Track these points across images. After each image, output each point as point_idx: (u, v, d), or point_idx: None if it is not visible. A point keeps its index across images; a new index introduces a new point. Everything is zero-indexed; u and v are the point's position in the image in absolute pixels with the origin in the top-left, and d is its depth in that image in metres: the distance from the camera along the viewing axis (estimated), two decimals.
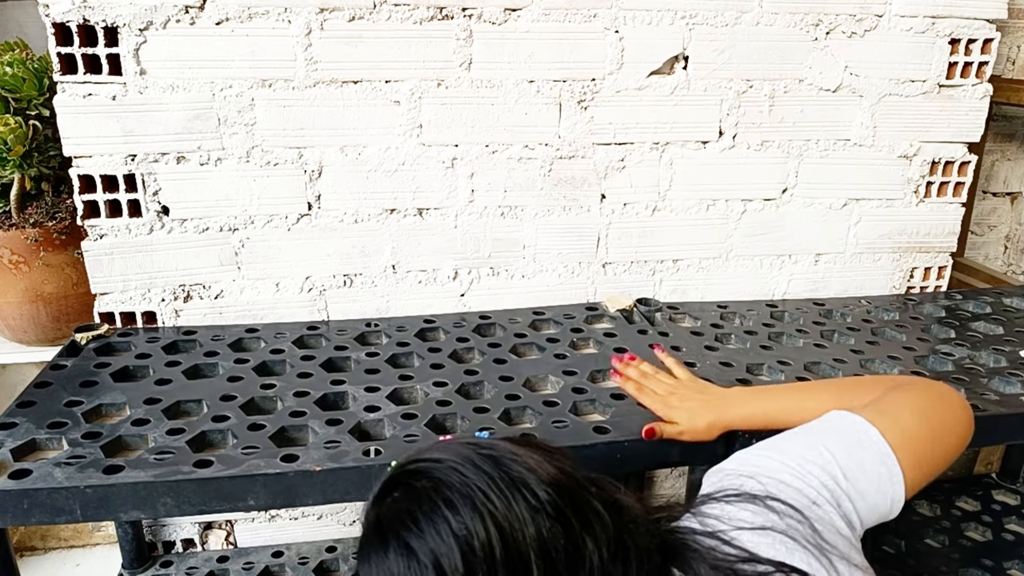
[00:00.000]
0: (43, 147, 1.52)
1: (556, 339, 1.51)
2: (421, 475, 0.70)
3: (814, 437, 0.87)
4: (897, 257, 1.81)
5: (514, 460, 0.71)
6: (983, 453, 2.10)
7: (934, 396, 0.94)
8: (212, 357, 1.41)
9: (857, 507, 0.82)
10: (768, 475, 0.82)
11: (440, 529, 0.66)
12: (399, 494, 0.71)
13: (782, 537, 0.74)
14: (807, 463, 0.82)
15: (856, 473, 0.83)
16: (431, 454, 0.72)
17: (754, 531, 0.74)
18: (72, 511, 1.02)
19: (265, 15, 1.41)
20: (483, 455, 0.71)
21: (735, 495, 0.79)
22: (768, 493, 0.78)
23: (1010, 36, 2.11)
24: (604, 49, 1.54)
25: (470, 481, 0.68)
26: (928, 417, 0.90)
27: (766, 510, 0.76)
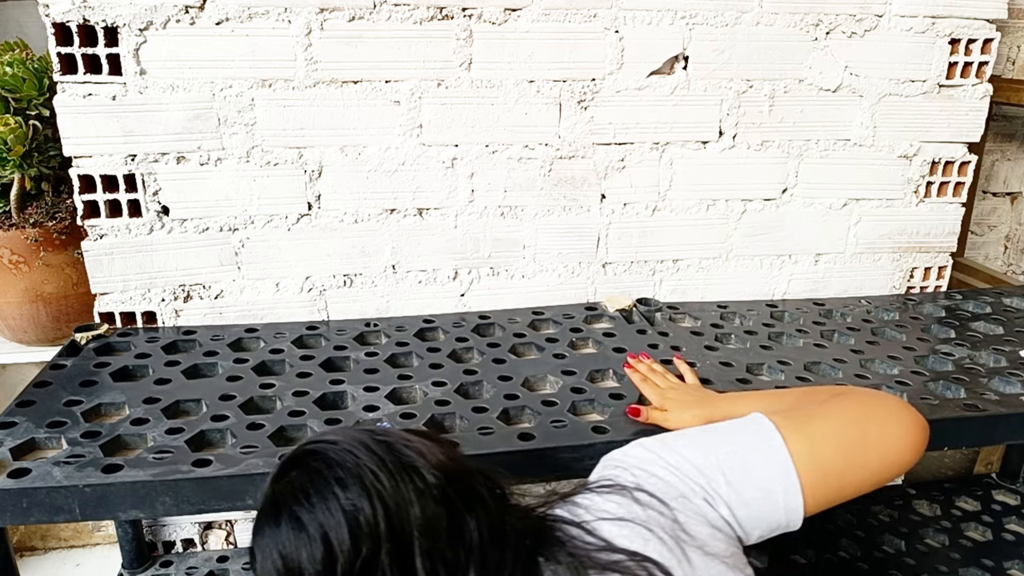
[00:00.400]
0: (43, 147, 1.52)
1: (555, 339, 1.51)
2: (317, 455, 0.73)
3: (709, 438, 0.87)
4: (897, 257, 1.81)
5: (406, 446, 0.74)
6: (983, 453, 2.10)
7: (867, 411, 0.90)
8: (211, 357, 1.41)
9: (736, 512, 0.81)
10: (643, 467, 0.84)
11: (330, 505, 0.69)
12: (295, 472, 0.73)
13: (640, 528, 0.76)
14: (686, 462, 0.83)
15: (741, 479, 0.82)
16: (328, 436, 0.75)
17: (615, 521, 0.77)
18: (71, 510, 1.02)
19: (265, 15, 1.41)
20: (377, 440, 0.74)
21: (606, 486, 0.82)
22: (638, 485, 0.81)
23: (1010, 36, 2.11)
24: (604, 49, 1.54)
25: (361, 462, 0.71)
26: (846, 432, 0.87)
27: (631, 501, 0.79)
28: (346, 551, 0.68)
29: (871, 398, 0.93)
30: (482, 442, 1.13)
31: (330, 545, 0.68)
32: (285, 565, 0.69)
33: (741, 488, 0.82)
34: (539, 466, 1.12)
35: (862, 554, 1.69)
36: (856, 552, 1.70)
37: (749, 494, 0.82)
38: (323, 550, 0.68)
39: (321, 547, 0.68)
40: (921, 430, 0.90)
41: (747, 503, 0.82)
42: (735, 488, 0.82)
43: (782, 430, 0.85)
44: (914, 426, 0.89)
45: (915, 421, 0.90)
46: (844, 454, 0.85)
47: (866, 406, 0.91)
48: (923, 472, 2.13)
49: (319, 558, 0.68)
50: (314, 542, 0.68)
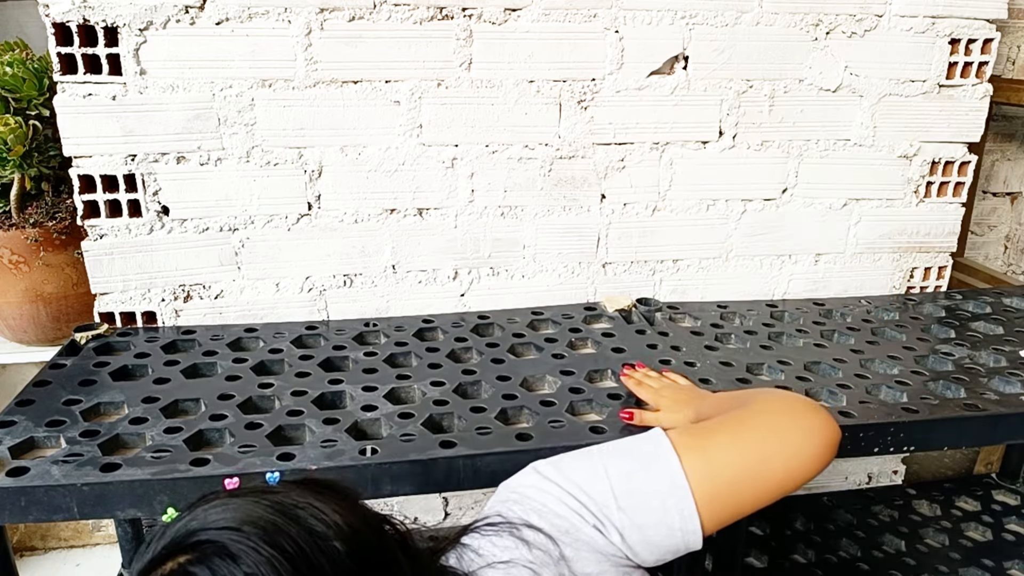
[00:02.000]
0: (43, 147, 1.52)
1: (554, 339, 1.51)
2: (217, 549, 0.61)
3: (601, 460, 0.83)
4: (897, 257, 1.81)
5: (317, 517, 0.65)
6: (983, 453, 2.10)
7: (771, 421, 0.87)
8: (211, 357, 1.41)
9: (628, 537, 0.78)
10: (534, 497, 0.80)
11: None
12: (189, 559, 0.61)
13: (528, 572, 0.73)
14: (576, 487, 0.80)
15: (634, 503, 0.79)
16: (223, 520, 0.63)
17: (502, 567, 0.73)
18: (69, 509, 1.02)
19: (265, 15, 1.41)
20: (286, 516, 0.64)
21: (493, 525, 0.78)
22: (526, 520, 0.77)
23: (1010, 36, 2.11)
24: (604, 49, 1.54)
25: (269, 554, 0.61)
26: (747, 447, 0.84)
27: (518, 542, 0.75)
28: None
29: (774, 405, 0.90)
30: (480, 442, 1.13)
31: None
32: None
33: (633, 513, 0.79)
34: None
35: (862, 554, 1.69)
36: (856, 552, 1.70)
37: (642, 518, 0.79)
38: None
39: None
40: (829, 438, 0.86)
41: (640, 527, 0.79)
42: (627, 513, 0.79)
43: (679, 448, 0.82)
44: (818, 434, 0.86)
45: (820, 428, 0.86)
46: (742, 471, 0.83)
47: (771, 415, 0.88)
48: (923, 472, 2.13)
49: None
50: None
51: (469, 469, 1.10)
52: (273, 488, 0.70)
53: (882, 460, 2.00)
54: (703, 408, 1.09)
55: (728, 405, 1.00)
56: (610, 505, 0.79)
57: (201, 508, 0.66)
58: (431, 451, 1.10)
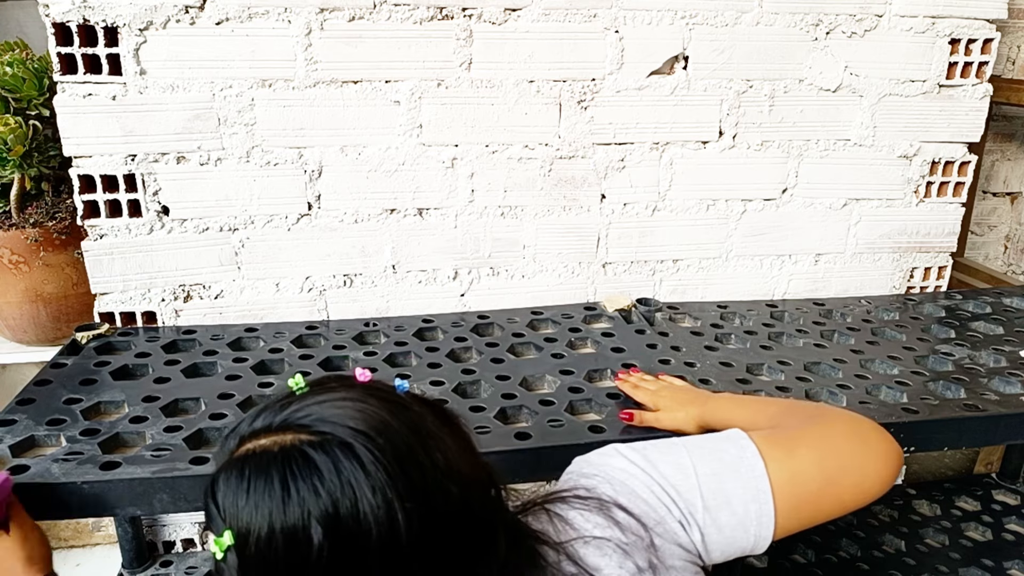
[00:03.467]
0: (43, 147, 1.52)
1: (554, 339, 1.51)
2: (343, 446, 0.62)
3: (689, 457, 0.83)
4: (897, 257, 1.81)
5: (443, 453, 0.66)
6: (983, 453, 2.09)
7: (847, 436, 0.88)
8: (211, 356, 1.41)
9: (708, 538, 0.79)
10: (623, 481, 0.80)
11: (361, 511, 0.60)
12: (311, 441, 0.62)
13: (621, 555, 0.73)
14: (666, 481, 0.80)
15: (720, 504, 0.80)
16: (355, 421, 0.63)
17: (595, 543, 0.73)
18: (69, 507, 1.02)
19: (265, 15, 1.41)
20: (419, 438, 0.65)
21: (582, 499, 0.77)
22: (617, 502, 0.77)
23: (1010, 36, 2.11)
24: (604, 49, 1.54)
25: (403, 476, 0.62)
26: (826, 459, 0.85)
27: (611, 523, 0.75)
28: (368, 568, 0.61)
29: (852, 425, 0.90)
30: (479, 441, 1.13)
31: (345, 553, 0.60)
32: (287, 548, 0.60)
33: (717, 514, 0.79)
34: (535, 465, 1.12)
35: (862, 554, 1.69)
36: (856, 552, 1.70)
37: (724, 519, 0.80)
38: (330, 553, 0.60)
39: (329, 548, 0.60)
40: (896, 460, 0.88)
41: (720, 528, 0.80)
42: (711, 513, 0.79)
43: (765, 456, 0.83)
44: (890, 457, 0.87)
45: (890, 452, 0.88)
46: (820, 486, 0.83)
47: (846, 436, 0.88)
48: (923, 472, 2.12)
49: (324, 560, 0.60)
50: (324, 540, 0.60)
51: None
52: (409, 404, 0.69)
53: None
54: (712, 408, 1.09)
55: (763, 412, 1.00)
56: (697, 504, 0.79)
57: (337, 396, 0.66)
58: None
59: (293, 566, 0.60)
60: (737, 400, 1.10)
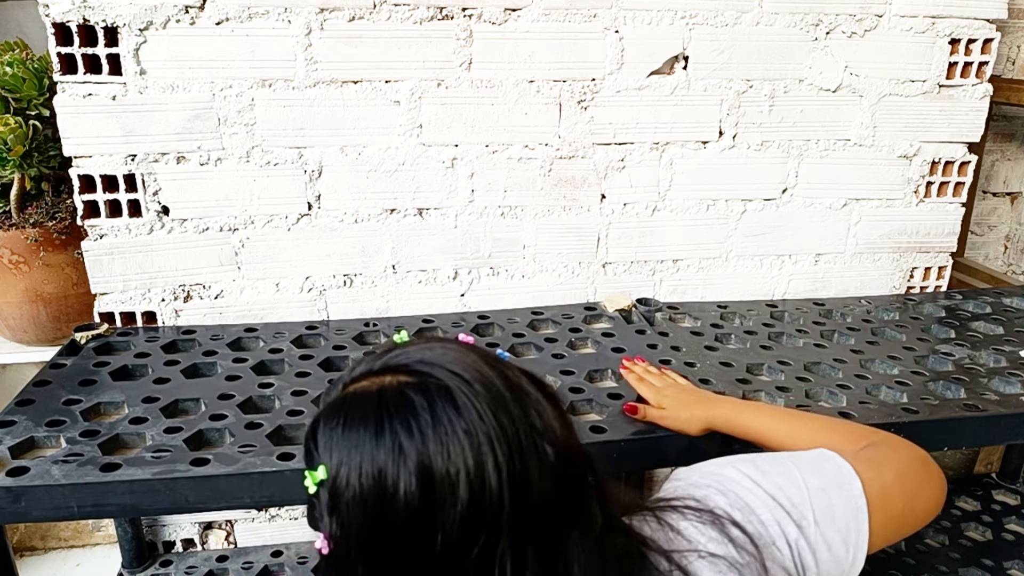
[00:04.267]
0: (43, 147, 1.52)
1: (554, 339, 1.51)
2: (442, 390, 0.63)
3: (799, 470, 0.82)
4: (897, 257, 1.81)
5: (540, 412, 0.66)
6: (983, 453, 2.09)
7: (915, 460, 0.89)
8: (211, 356, 1.41)
9: (819, 557, 0.77)
10: (740, 495, 0.78)
11: (452, 456, 0.60)
12: (411, 383, 0.63)
13: (734, 574, 0.71)
14: (782, 494, 0.78)
15: (828, 521, 0.78)
16: (457, 367, 0.65)
17: (710, 560, 0.71)
18: (69, 508, 1.02)
19: (265, 15, 1.41)
20: (515, 396, 0.65)
21: (697, 510, 0.76)
22: (730, 516, 0.75)
23: (1010, 36, 2.10)
24: (604, 49, 1.54)
25: (493, 424, 0.62)
26: (906, 481, 0.85)
27: (726, 540, 0.73)
28: (455, 518, 0.60)
29: (915, 451, 0.91)
30: None
31: (433, 499, 0.60)
32: (375, 493, 0.60)
33: (826, 529, 0.78)
34: None
35: None
36: None
37: (832, 536, 0.78)
38: (421, 501, 0.60)
39: (419, 496, 0.60)
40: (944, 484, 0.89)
41: (829, 545, 0.77)
42: (821, 528, 0.77)
43: (861, 477, 0.81)
44: (943, 481, 0.89)
45: (943, 477, 0.89)
46: (904, 506, 0.83)
47: (914, 461, 0.89)
48: None
49: (415, 506, 0.60)
50: (415, 486, 0.60)
51: None
52: (509, 366, 0.69)
53: None
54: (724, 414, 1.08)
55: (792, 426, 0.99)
56: (809, 518, 0.78)
57: (439, 345, 0.68)
58: None
59: (382, 504, 0.60)
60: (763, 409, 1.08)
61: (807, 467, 0.82)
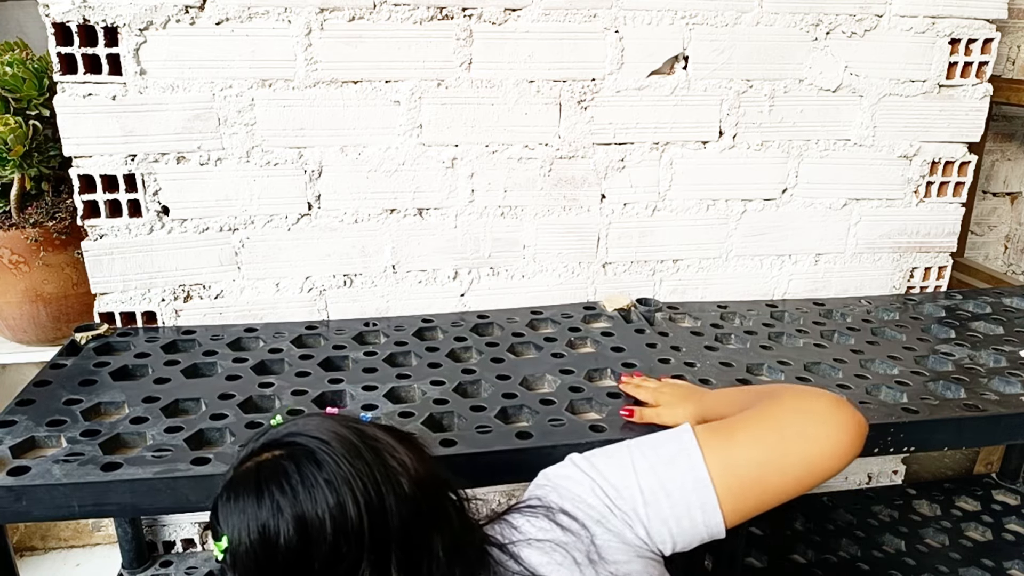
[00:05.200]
0: (43, 147, 1.52)
1: (554, 338, 1.51)
2: (306, 451, 0.76)
3: (633, 455, 0.88)
4: (897, 257, 1.81)
5: (392, 455, 0.79)
6: (983, 453, 2.09)
7: (791, 417, 0.88)
8: (211, 356, 1.41)
9: (652, 531, 0.84)
10: (570, 488, 0.87)
11: (316, 502, 0.73)
12: (282, 459, 0.76)
13: (560, 551, 0.81)
14: (608, 483, 0.86)
15: (658, 498, 0.84)
16: (316, 433, 0.78)
17: (537, 544, 0.82)
18: (70, 508, 1.02)
19: (265, 15, 1.41)
20: (367, 445, 0.78)
21: (532, 508, 0.86)
22: (562, 507, 0.85)
23: (1010, 36, 2.11)
24: (604, 49, 1.54)
25: (352, 471, 0.75)
26: (766, 442, 0.86)
27: (553, 525, 0.83)
28: (326, 551, 0.73)
29: (798, 401, 0.90)
30: (480, 440, 1.13)
31: (307, 539, 0.72)
32: (262, 546, 0.73)
33: (659, 507, 0.84)
34: (537, 464, 1.12)
35: (862, 554, 1.69)
36: (856, 552, 1.70)
37: (666, 512, 0.84)
38: (299, 543, 0.72)
39: (297, 539, 0.72)
40: (851, 431, 0.86)
41: (664, 520, 0.84)
42: (652, 507, 0.84)
43: (703, 445, 0.86)
44: (843, 428, 0.86)
45: (845, 422, 0.86)
46: (764, 466, 0.85)
47: (791, 412, 0.89)
48: (923, 472, 2.13)
49: (294, 548, 0.72)
50: (292, 532, 0.72)
51: (469, 467, 1.10)
52: (367, 426, 0.83)
53: (882, 460, 2.00)
54: (708, 403, 1.10)
55: (743, 399, 1.00)
56: (637, 500, 0.84)
57: (303, 419, 0.82)
58: (431, 450, 1.10)
59: (268, 551, 0.73)
60: (725, 393, 1.11)
61: (644, 449, 0.89)
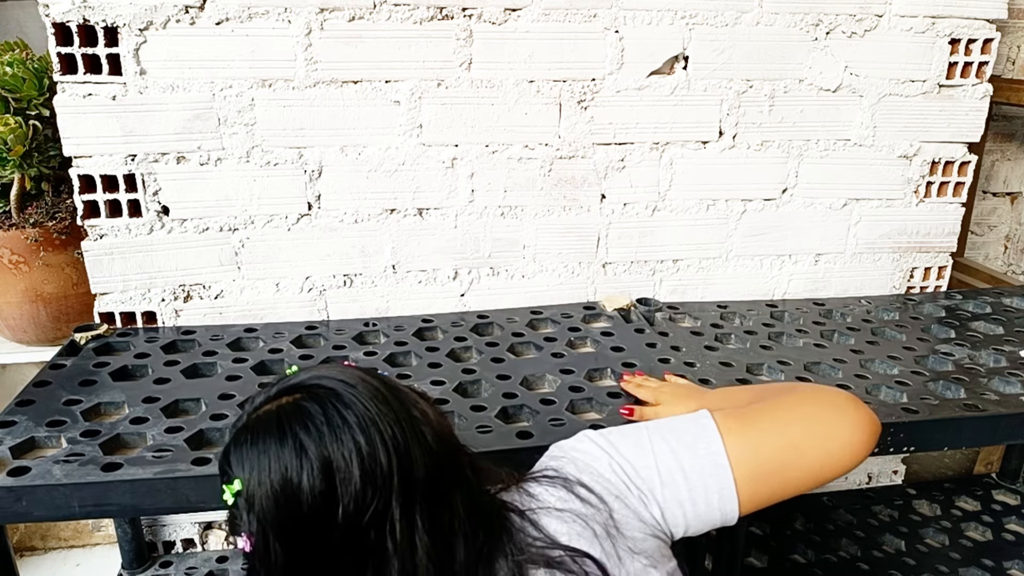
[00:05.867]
0: (43, 147, 1.52)
1: (553, 338, 1.51)
2: (331, 392, 0.74)
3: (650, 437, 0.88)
4: (897, 257, 1.81)
5: (415, 405, 0.78)
6: (983, 453, 2.09)
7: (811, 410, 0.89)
8: (211, 357, 1.41)
9: (667, 512, 0.83)
10: (588, 462, 0.86)
11: (344, 444, 0.71)
12: (304, 400, 0.74)
13: (579, 522, 0.80)
14: (626, 461, 0.86)
15: (676, 480, 0.84)
16: (340, 376, 0.76)
17: (557, 514, 0.81)
18: (71, 508, 1.02)
19: (265, 15, 1.41)
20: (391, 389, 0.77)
21: (551, 477, 0.85)
22: (579, 479, 0.84)
23: (1010, 36, 2.11)
24: (604, 49, 1.54)
25: (379, 412, 0.73)
26: (787, 433, 0.87)
27: (572, 496, 0.82)
28: (353, 494, 0.70)
29: (818, 396, 0.92)
30: (480, 440, 1.13)
31: (333, 483, 0.70)
32: (283, 488, 0.70)
33: (676, 489, 0.84)
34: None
35: (862, 554, 1.69)
36: (856, 552, 1.70)
37: (683, 494, 0.84)
38: (324, 485, 0.70)
39: (322, 481, 0.70)
40: (867, 429, 0.88)
41: (681, 503, 0.84)
42: (669, 489, 0.84)
43: (723, 431, 0.86)
44: (860, 426, 0.88)
45: (862, 420, 0.88)
46: (783, 456, 0.86)
47: (811, 405, 0.90)
48: (923, 472, 2.13)
49: (319, 491, 0.70)
50: (317, 474, 0.70)
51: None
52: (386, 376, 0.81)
53: (882, 460, 2.00)
54: (708, 401, 1.10)
55: (746, 398, 1.01)
56: (654, 480, 0.84)
57: (323, 366, 0.80)
58: None
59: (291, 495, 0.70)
60: (727, 392, 1.12)
61: (663, 432, 0.89)
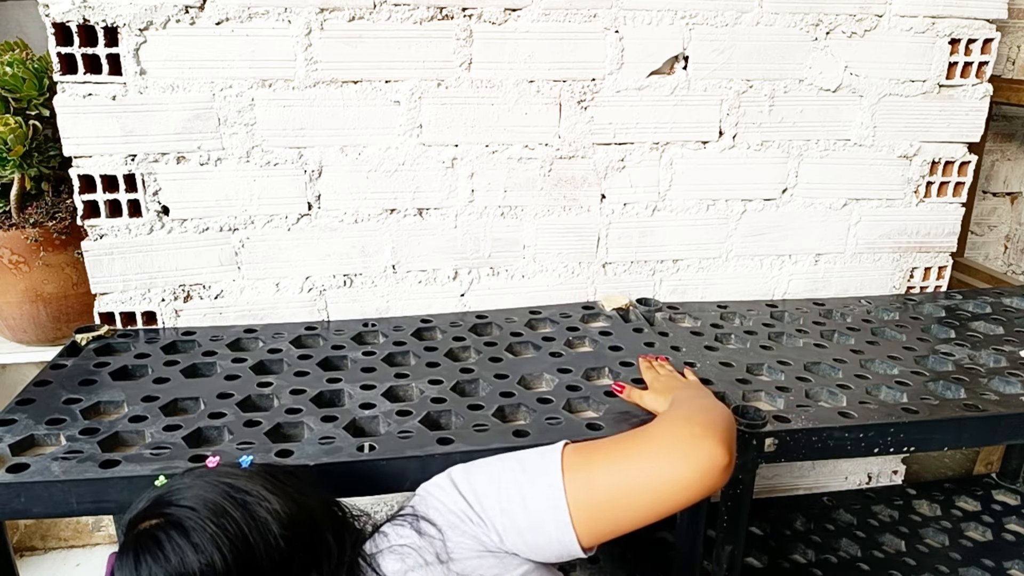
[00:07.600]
0: (43, 147, 1.52)
1: (552, 338, 1.51)
2: (175, 523, 0.82)
3: (503, 472, 0.94)
4: (897, 257, 1.81)
5: (261, 502, 0.85)
6: (983, 453, 2.09)
7: (649, 450, 0.93)
8: (210, 357, 1.41)
9: (506, 538, 0.89)
10: (439, 497, 0.93)
11: (187, 564, 0.79)
12: (157, 523, 0.82)
13: (415, 555, 0.87)
14: (472, 494, 0.92)
15: (516, 508, 0.90)
16: (187, 501, 0.84)
17: (398, 550, 0.89)
18: (69, 504, 1.02)
19: (265, 15, 1.41)
20: (236, 501, 0.84)
21: (403, 517, 0.93)
22: (426, 515, 0.92)
23: (1010, 36, 2.11)
24: (604, 49, 1.54)
25: (214, 530, 0.81)
26: (620, 472, 0.91)
27: (414, 532, 0.90)
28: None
29: (664, 432, 0.95)
30: (477, 439, 1.13)
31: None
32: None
33: (514, 519, 0.89)
34: None
35: (862, 554, 1.69)
36: (856, 552, 1.69)
37: (522, 523, 0.89)
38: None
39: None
40: (708, 466, 0.90)
41: (520, 531, 0.89)
42: (508, 516, 0.90)
43: (565, 466, 0.91)
44: (698, 463, 0.90)
45: (703, 457, 0.90)
46: (615, 494, 0.90)
47: (652, 442, 0.94)
48: (923, 472, 2.12)
49: None
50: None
51: None
52: (235, 474, 0.89)
53: (882, 460, 2.00)
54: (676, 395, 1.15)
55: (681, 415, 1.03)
56: (494, 509, 0.91)
57: (179, 481, 0.88)
58: (429, 448, 1.11)
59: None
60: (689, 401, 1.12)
61: (514, 464, 0.95)
